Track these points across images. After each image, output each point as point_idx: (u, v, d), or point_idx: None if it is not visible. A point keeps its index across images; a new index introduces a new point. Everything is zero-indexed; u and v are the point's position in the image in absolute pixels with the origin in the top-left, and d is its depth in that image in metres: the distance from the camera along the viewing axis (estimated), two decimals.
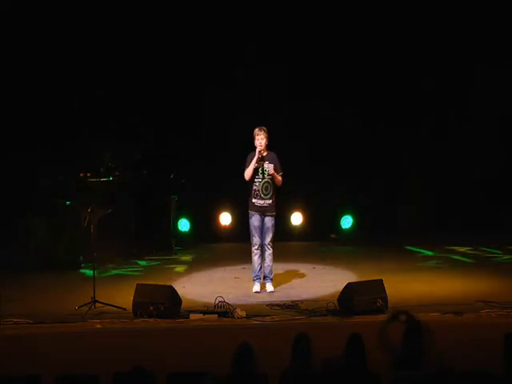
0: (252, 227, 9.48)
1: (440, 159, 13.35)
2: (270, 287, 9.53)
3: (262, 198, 9.36)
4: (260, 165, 9.31)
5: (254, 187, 9.35)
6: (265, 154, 9.34)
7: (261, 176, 9.34)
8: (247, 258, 11.15)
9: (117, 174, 12.03)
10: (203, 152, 13.31)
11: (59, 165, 12.13)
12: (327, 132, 13.19)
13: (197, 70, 13.12)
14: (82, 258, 11.37)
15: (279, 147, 9.58)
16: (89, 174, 11.84)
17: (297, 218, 13.59)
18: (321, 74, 13.12)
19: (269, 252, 9.48)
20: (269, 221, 9.44)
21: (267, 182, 9.35)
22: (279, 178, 9.36)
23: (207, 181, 13.27)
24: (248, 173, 9.30)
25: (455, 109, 13.39)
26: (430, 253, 11.98)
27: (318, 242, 13.46)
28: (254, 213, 9.45)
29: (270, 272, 9.55)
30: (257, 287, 9.51)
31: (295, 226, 13.55)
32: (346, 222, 13.60)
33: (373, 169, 13.34)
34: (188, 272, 11.13)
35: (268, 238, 9.46)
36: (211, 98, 13.17)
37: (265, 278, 9.55)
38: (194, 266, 11.58)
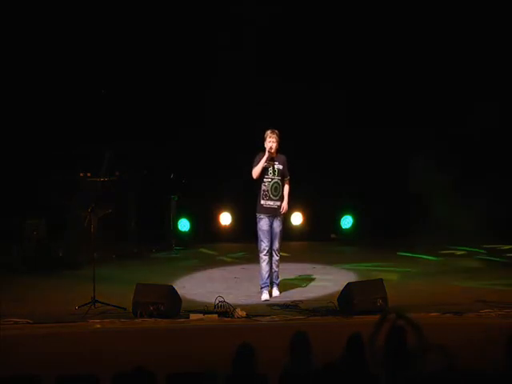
0: (260, 232, 9.15)
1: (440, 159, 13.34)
2: (275, 292, 9.27)
3: (272, 199, 9.12)
4: (270, 164, 9.09)
5: (263, 187, 9.11)
6: (275, 155, 9.14)
7: (270, 176, 9.11)
8: (247, 258, 11.17)
9: (117, 173, 12.02)
10: (203, 152, 13.30)
11: (60, 165, 12.14)
12: (327, 132, 13.18)
13: (198, 70, 13.14)
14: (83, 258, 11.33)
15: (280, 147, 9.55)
16: (89, 174, 11.85)
17: (297, 218, 13.59)
18: (322, 76, 13.13)
19: (276, 258, 9.22)
20: (277, 226, 9.16)
21: (276, 182, 9.13)
22: (286, 189, 9.20)
23: (207, 181, 13.28)
24: (256, 171, 9.04)
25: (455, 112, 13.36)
26: (429, 257, 11.96)
27: (317, 242, 13.47)
28: (263, 216, 9.15)
29: (277, 277, 9.31)
30: (265, 295, 9.15)
31: (295, 226, 13.55)
32: (346, 221, 13.61)
33: (373, 169, 13.32)
34: (188, 272, 11.12)
35: (277, 244, 9.17)
36: (213, 98, 13.16)
37: (271, 283, 9.27)
38: (194, 266, 11.58)
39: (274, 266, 9.23)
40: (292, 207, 13.17)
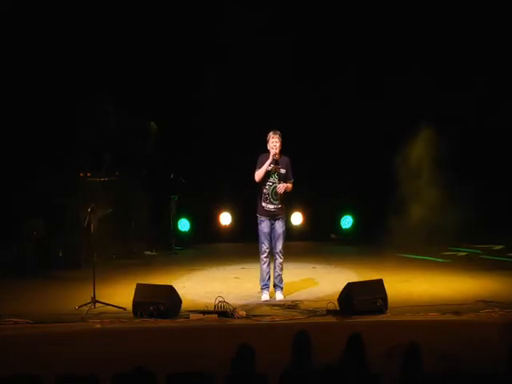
0: (261, 234, 9.11)
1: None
2: (279, 295, 9.17)
3: (272, 203, 9.03)
4: (273, 169, 8.97)
5: (264, 191, 9.02)
6: (279, 158, 8.99)
7: (272, 180, 9.00)
8: (247, 258, 11.17)
9: (117, 173, 12.03)
10: (203, 152, 13.30)
11: (60, 165, 12.15)
12: (327, 132, 13.18)
13: (198, 70, 13.14)
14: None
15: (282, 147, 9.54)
16: (89, 174, 11.85)
17: (297, 218, 13.59)
18: (322, 75, 13.13)
19: (280, 261, 9.14)
20: (279, 227, 9.11)
21: (277, 185, 9.01)
22: (289, 186, 9.08)
23: (207, 181, 13.28)
24: (259, 174, 8.93)
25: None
26: (428, 257, 11.97)
27: (318, 242, 13.46)
28: (263, 218, 9.09)
29: (281, 281, 9.22)
30: (266, 296, 9.08)
31: (295, 226, 13.55)
32: (346, 221, 13.62)
33: (373, 169, 13.32)
34: (188, 272, 11.13)
35: (279, 246, 9.11)
36: (213, 98, 13.17)
37: (275, 286, 9.21)
38: (194, 266, 11.58)
39: (277, 270, 9.16)
40: (292, 207, 13.25)
